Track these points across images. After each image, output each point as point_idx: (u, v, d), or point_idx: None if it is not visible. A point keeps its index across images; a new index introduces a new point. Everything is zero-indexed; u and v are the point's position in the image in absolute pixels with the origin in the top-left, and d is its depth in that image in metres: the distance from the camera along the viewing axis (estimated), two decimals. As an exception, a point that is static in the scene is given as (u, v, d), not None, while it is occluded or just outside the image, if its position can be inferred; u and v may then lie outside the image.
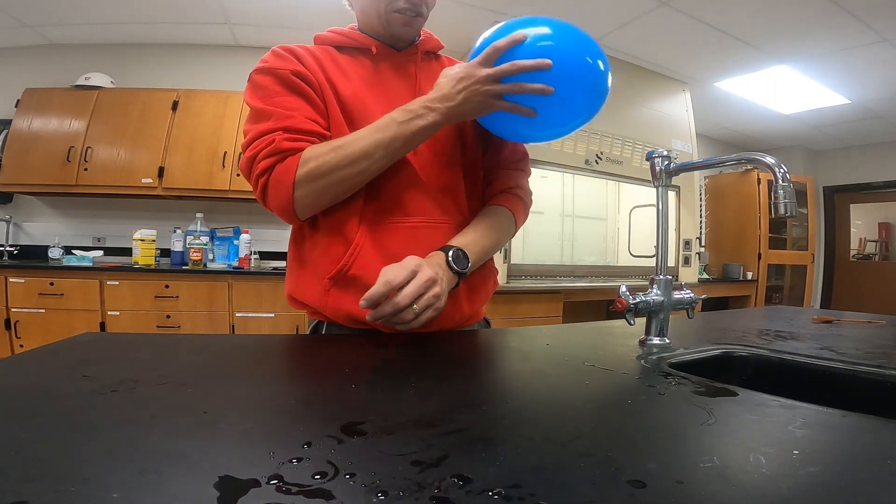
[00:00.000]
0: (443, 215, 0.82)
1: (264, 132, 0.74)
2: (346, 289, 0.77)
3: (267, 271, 2.98)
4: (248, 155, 0.74)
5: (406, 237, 0.78)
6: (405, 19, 0.81)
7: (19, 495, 0.24)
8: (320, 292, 0.78)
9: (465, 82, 0.70)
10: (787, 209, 0.63)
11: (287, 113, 0.75)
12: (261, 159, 0.74)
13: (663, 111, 3.54)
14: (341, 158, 0.72)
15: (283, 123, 0.74)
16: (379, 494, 0.26)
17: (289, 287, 0.85)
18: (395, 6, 0.80)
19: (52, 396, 0.42)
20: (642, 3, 2.77)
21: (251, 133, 0.76)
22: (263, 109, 0.76)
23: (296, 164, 0.72)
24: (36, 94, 3.00)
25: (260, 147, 0.74)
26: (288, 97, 0.77)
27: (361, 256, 0.77)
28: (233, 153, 3.06)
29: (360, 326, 0.78)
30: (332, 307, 0.78)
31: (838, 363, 0.67)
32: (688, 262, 3.57)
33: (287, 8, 2.96)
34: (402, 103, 0.76)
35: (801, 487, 0.29)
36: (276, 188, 0.73)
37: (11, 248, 3.16)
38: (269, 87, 0.77)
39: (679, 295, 0.75)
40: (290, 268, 0.86)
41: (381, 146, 0.72)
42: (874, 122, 4.52)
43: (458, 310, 0.83)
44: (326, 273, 0.78)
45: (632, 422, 0.42)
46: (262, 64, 0.79)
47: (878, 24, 2.84)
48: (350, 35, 0.86)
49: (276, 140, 0.73)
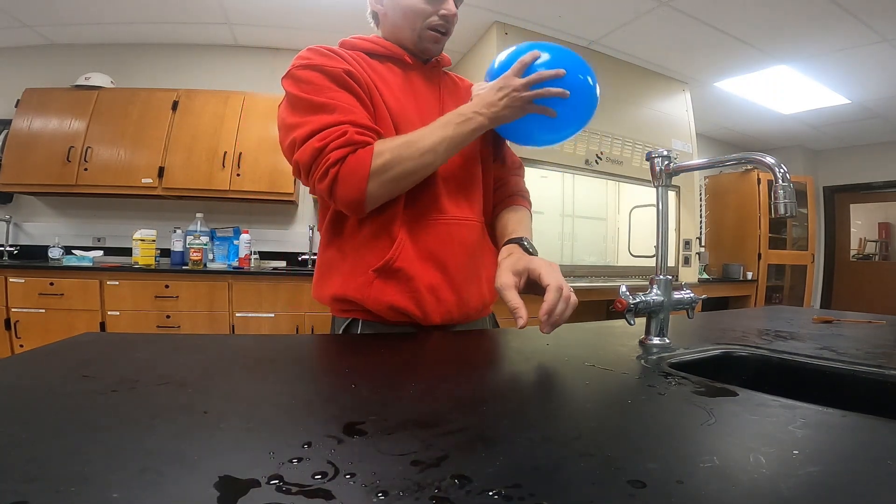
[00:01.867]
0: (470, 214, 0.91)
1: (332, 124, 0.76)
2: (388, 280, 0.82)
3: (267, 271, 2.98)
4: (316, 146, 0.75)
5: (440, 233, 0.86)
6: (436, 37, 0.89)
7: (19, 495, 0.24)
8: (363, 284, 0.82)
9: (505, 90, 0.80)
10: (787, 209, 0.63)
11: (348, 107, 0.78)
12: (332, 149, 0.75)
13: (663, 111, 3.54)
14: (413, 152, 0.77)
15: (349, 117, 0.77)
16: (379, 494, 0.26)
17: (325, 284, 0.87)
18: (430, 23, 0.87)
19: (52, 396, 0.42)
20: (642, 3, 2.77)
21: (312, 124, 0.76)
22: (324, 103, 0.77)
23: (370, 156, 0.76)
24: (36, 94, 3.00)
25: (331, 137, 0.75)
26: (340, 93, 0.79)
27: (404, 251, 0.82)
28: (233, 153, 3.06)
29: (400, 319, 0.84)
30: (375, 298, 0.82)
31: (838, 363, 0.67)
32: (688, 262, 3.57)
33: (287, 8, 2.96)
34: (430, 112, 0.88)
35: (801, 487, 0.29)
36: (349, 178, 0.75)
37: (11, 248, 3.16)
38: (319, 83, 0.79)
39: (679, 295, 0.75)
40: (326, 267, 0.88)
41: (444, 142, 0.79)
42: (874, 122, 4.52)
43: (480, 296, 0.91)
44: (370, 266, 0.82)
45: (632, 422, 0.42)
46: (305, 60, 0.81)
47: (878, 25, 2.84)
48: (381, 43, 0.91)
49: (349, 132, 0.76)
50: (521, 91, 0.80)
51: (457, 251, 0.86)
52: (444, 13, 0.87)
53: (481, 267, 0.92)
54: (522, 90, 0.80)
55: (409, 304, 0.82)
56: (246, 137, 3.10)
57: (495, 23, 2.93)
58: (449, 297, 0.85)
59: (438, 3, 0.86)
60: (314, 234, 3.50)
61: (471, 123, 0.80)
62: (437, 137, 0.78)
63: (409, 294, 0.82)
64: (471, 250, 0.90)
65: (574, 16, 2.91)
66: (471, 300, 0.88)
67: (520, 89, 0.80)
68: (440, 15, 0.87)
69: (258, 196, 3.13)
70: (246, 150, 3.08)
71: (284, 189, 3.13)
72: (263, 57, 3.54)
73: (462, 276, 0.87)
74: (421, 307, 0.82)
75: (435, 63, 0.95)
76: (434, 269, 0.84)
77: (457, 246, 0.86)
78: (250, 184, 3.08)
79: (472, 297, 0.89)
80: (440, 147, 0.79)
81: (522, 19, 2.93)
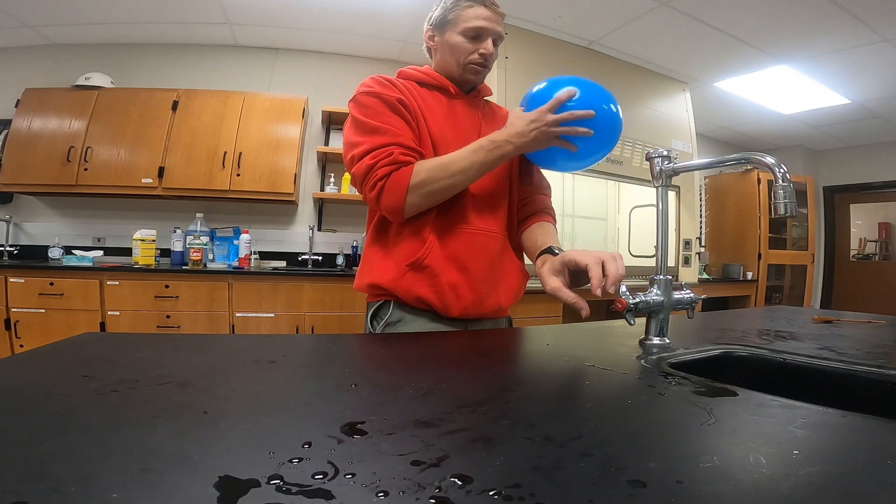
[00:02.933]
0: (494, 227, 1.04)
1: (382, 145, 0.92)
2: (418, 274, 0.96)
3: (267, 271, 2.98)
4: (369, 163, 0.91)
5: (465, 241, 0.99)
6: (476, 69, 1.03)
7: (19, 495, 0.24)
8: (397, 276, 0.96)
9: (537, 123, 0.91)
10: (787, 209, 0.63)
11: (397, 131, 0.94)
12: (380, 167, 0.91)
13: (663, 111, 3.54)
14: (446, 173, 0.92)
15: (396, 139, 0.93)
16: (379, 494, 0.26)
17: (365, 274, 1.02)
18: (473, 59, 1.02)
19: (52, 396, 0.42)
20: (642, 3, 2.77)
21: (367, 144, 0.92)
22: (378, 127, 0.93)
23: (410, 174, 0.91)
24: (36, 94, 3.00)
25: (380, 157, 0.91)
26: (393, 118, 0.95)
27: (432, 252, 0.96)
28: (233, 153, 3.06)
29: (423, 307, 0.97)
30: (405, 288, 0.96)
31: (838, 363, 0.67)
32: (688, 262, 3.57)
33: (287, 8, 2.96)
34: (469, 136, 1.01)
35: (801, 487, 0.29)
36: (392, 191, 0.91)
37: (11, 248, 3.16)
38: (376, 108, 0.95)
39: (679, 295, 0.75)
40: (370, 259, 1.03)
41: (475, 166, 0.93)
42: (874, 122, 4.52)
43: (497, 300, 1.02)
44: (405, 261, 0.96)
45: (632, 422, 0.42)
46: (368, 88, 0.97)
47: (878, 25, 2.84)
48: (431, 74, 1.07)
49: (395, 153, 0.91)
50: (550, 126, 0.90)
51: (478, 257, 0.99)
52: (483, 52, 1.01)
53: (500, 274, 1.04)
54: (552, 125, 0.90)
55: (433, 296, 0.96)
56: (246, 137, 3.10)
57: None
58: (467, 295, 0.97)
59: (479, 42, 1.01)
60: (314, 234, 3.50)
61: (500, 150, 0.93)
62: (468, 162, 0.92)
63: (434, 288, 0.95)
64: (491, 258, 1.02)
65: (574, 16, 2.91)
66: (487, 301, 1.00)
67: (550, 124, 0.90)
68: (480, 53, 1.01)
69: (258, 196, 3.13)
70: (246, 150, 3.08)
71: (284, 189, 3.13)
72: (263, 57, 3.54)
73: (481, 278, 0.99)
74: (442, 300, 0.96)
75: (476, 93, 1.10)
76: (456, 270, 0.97)
77: (478, 252, 1.00)
78: (250, 184, 3.08)
79: (489, 298, 1.01)
80: (470, 170, 0.92)
81: (522, 19, 2.93)
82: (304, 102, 3.26)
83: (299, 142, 3.20)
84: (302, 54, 3.57)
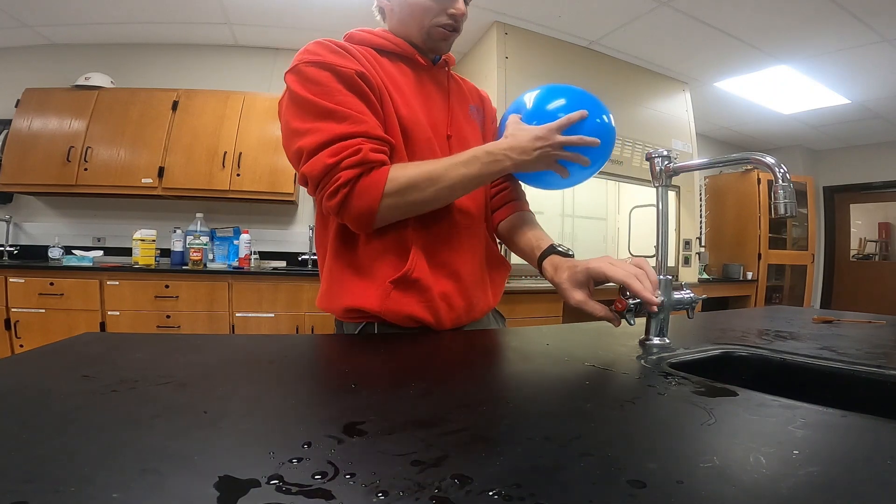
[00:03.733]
0: (476, 221, 0.91)
1: (344, 135, 0.72)
2: (406, 291, 0.80)
3: (267, 271, 2.98)
4: (328, 162, 0.71)
5: (452, 242, 0.86)
6: (445, 34, 0.85)
7: (19, 495, 0.24)
8: (380, 296, 0.79)
9: (542, 142, 0.78)
10: (787, 209, 0.63)
11: (360, 116, 0.74)
12: (345, 167, 0.71)
13: (663, 111, 3.54)
14: (431, 186, 0.75)
15: (360, 128, 0.73)
16: (379, 494, 0.26)
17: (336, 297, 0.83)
18: (439, 21, 0.84)
19: (52, 396, 0.42)
20: (642, 3, 2.77)
21: (320, 134, 0.72)
22: (333, 109, 0.73)
23: (384, 180, 0.73)
24: (36, 94, 3.00)
25: (345, 154, 0.71)
26: (350, 98, 0.74)
27: (420, 261, 0.81)
28: (233, 153, 3.06)
29: (412, 325, 0.82)
30: (393, 310, 0.79)
31: (838, 363, 0.67)
32: (688, 262, 3.57)
33: (287, 8, 2.96)
34: (440, 118, 0.87)
35: (801, 487, 0.29)
36: (360, 201, 0.73)
37: (11, 248, 3.16)
38: (329, 85, 0.74)
39: (679, 295, 0.75)
40: (338, 278, 0.84)
41: (466, 180, 0.77)
42: (874, 122, 4.52)
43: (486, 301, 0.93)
44: (387, 278, 0.80)
45: (632, 422, 0.42)
46: (314, 56, 0.75)
47: (878, 24, 2.84)
48: (391, 39, 0.86)
49: (364, 150, 0.72)
50: (556, 149, 0.78)
51: (467, 259, 0.88)
52: (453, 12, 0.83)
53: (486, 272, 0.94)
54: (557, 148, 0.78)
55: (425, 313, 0.81)
56: (246, 137, 3.10)
57: (495, 22, 2.93)
58: (459, 304, 0.86)
59: (448, 1, 0.83)
60: (314, 233, 3.49)
61: (498, 165, 0.78)
62: (458, 175, 0.76)
63: (425, 304, 0.81)
64: (479, 257, 0.92)
65: (574, 16, 2.91)
66: (478, 305, 0.90)
67: (557, 147, 0.78)
68: (449, 14, 0.83)
69: (258, 196, 3.13)
70: (246, 150, 3.08)
71: (284, 189, 3.13)
72: (263, 57, 3.54)
73: (472, 281, 0.88)
74: (435, 315, 0.82)
75: (443, 63, 0.93)
76: (447, 277, 0.84)
77: (466, 254, 0.88)
78: (250, 184, 3.08)
79: (480, 302, 0.91)
80: (458, 185, 0.76)
81: (522, 19, 2.93)
82: (304, 102, 3.26)
83: (299, 142, 3.20)
84: (302, 54, 3.57)
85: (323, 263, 0.87)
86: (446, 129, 0.89)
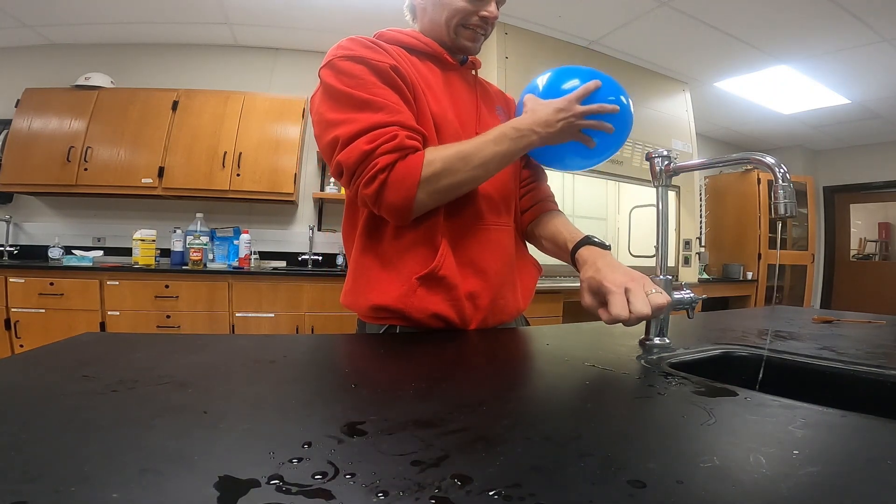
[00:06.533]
0: (506, 220, 0.91)
1: (380, 124, 0.72)
2: (433, 288, 0.80)
3: (267, 271, 2.98)
4: (365, 149, 0.71)
5: (480, 240, 0.85)
6: (473, 35, 0.87)
7: (19, 495, 0.24)
8: (406, 293, 0.79)
9: (564, 113, 0.79)
10: (787, 209, 0.63)
11: (395, 107, 0.75)
12: (381, 153, 0.72)
13: (663, 111, 3.54)
14: (466, 165, 0.75)
15: (396, 118, 0.74)
16: (379, 494, 0.26)
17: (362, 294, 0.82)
18: (469, 21, 0.86)
19: (52, 396, 0.42)
20: (642, 3, 2.77)
21: (357, 124, 0.72)
22: (369, 100, 0.73)
23: (420, 164, 0.73)
24: (36, 94, 3.00)
25: (381, 140, 0.72)
26: (385, 90, 0.76)
27: (448, 258, 0.81)
28: (233, 153, 3.06)
29: (439, 325, 0.81)
30: (418, 307, 0.79)
31: (838, 363, 0.67)
32: (688, 262, 3.56)
33: (287, 8, 2.96)
34: (469, 117, 0.88)
35: (801, 487, 0.29)
36: (398, 185, 0.72)
37: (11, 248, 3.16)
38: (364, 77, 0.75)
39: (679, 295, 0.75)
40: (364, 272, 0.84)
41: (497, 157, 0.78)
42: (874, 122, 4.52)
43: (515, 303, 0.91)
44: (414, 274, 0.79)
45: (632, 422, 0.42)
46: (348, 51, 0.77)
47: (878, 24, 2.84)
48: (422, 39, 0.88)
49: (400, 136, 0.72)
50: (578, 119, 0.79)
51: (496, 257, 0.86)
52: (486, 15, 0.85)
53: (516, 273, 0.92)
54: (580, 118, 0.79)
55: (451, 311, 0.80)
56: (246, 137, 3.10)
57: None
58: (485, 304, 0.84)
59: (481, 3, 0.84)
60: (314, 234, 3.49)
61: (524, 140, 0.79)
62: (490, 152, 0.76)
63: (451, 302, 0.80)
64: (508, 256, 0.90)
65: (574, 16, 2.91)
66: (507, 307, 0.88)
67: (578, 116, 0.79)
68: (481, 16, 0.85)
69: (258, 196, 3.13)
70: (246, 150, 3.09)
71: (284, 189, 3.13)
72: (263, 57, 3.54)
73: (499, 281, 0.87)
74: (460, 314, 0.81)
75: (470, 65, 0.95)
76: (474, 275, 0.83)
77: (496, 252, 0.87)
78: (250, 184, 3.08)
79: (508, 303, 0.89)
80: (492, 163, 0.77)
81: (522, 19, 2.93)
82: (304, 102, 3.26)
83: (299, 142, 3.20)
84: (302, 54, 3.57)
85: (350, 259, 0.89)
86: (475, 127, 0.89)
